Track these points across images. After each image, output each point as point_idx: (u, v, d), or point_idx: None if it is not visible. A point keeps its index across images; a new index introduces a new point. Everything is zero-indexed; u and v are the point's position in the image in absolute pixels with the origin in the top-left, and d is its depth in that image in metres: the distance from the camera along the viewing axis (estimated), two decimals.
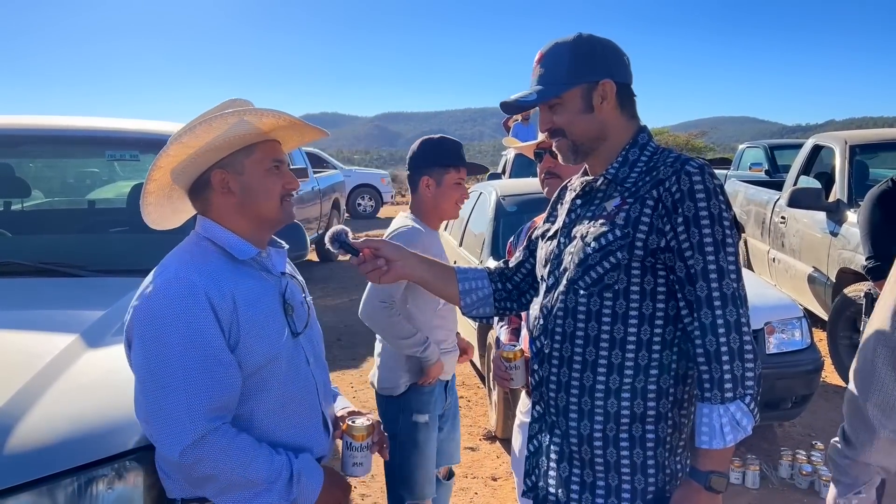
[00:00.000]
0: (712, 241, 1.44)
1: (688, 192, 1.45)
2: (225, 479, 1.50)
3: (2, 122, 3.19)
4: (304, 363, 1.70)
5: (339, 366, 5.83)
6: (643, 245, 1.47)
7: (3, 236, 3.10)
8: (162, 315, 1.49)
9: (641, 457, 1.51)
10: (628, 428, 1.51)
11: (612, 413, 1.51)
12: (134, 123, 3.25)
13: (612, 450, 1.52)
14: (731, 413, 1.42)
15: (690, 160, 1.49)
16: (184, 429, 1.45)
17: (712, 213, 1.44)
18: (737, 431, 1.42)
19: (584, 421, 1.54)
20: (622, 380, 1.50)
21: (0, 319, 2.16)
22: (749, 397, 1.42)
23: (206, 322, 1.50)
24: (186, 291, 1.50)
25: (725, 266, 1.44)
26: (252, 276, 1.62)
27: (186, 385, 1.47)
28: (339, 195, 11.20)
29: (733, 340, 1.41)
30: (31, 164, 4.30)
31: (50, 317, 2.18)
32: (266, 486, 1.53)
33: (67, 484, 1.56)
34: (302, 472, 1.58)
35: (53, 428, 1.62)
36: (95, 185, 4.38)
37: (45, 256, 2.64)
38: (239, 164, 1.61)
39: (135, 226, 3.53)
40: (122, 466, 1.61)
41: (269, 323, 1.60)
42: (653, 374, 1.50)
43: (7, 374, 1.76)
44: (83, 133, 3.14)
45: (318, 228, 9.95)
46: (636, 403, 1.50)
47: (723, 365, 1.41)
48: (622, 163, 1.58)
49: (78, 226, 3.40)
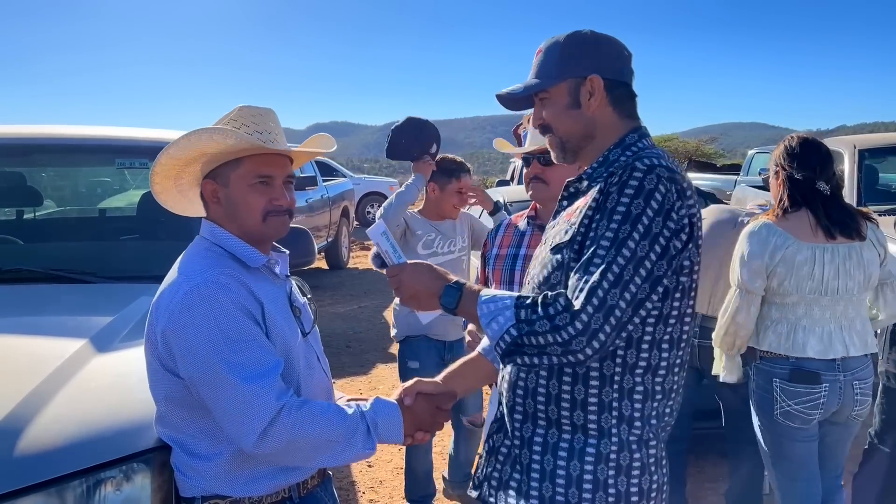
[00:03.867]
0: (612, 236, 1.33)
1: (618, 186, 1.36)
2: (306, 446, 1.52)
3: (12, 132, 3.24)
4: (316, 360, 1.76)
5: (349, 372, 5.85)
6: (581, 242, 1.40)
7: (16, 244, 3.14)
8: (204, 314, 1.49)
9: (578, 470, 1.42)
10: (570, 438, 1.44)
11: (553, 420, 1.45)
12: (143, 132, 3.29)
13: (550, 458, 1.45)
14: (503, 313, 1.36)
15: (647, 158, 1.39)
16: (256, 414, 1.47)
17: (629, 212, 1.33)
18: (486, 320, 1.37)
19: (526, 424, 1.50)
20: (561, 386, 1.44)
21: (11, 325, 2.20)
22: (512, 338, 1.34)
23: (243, 312, 1.52)
24: (219, 289, 1.52)
25: (606, 263, 1.31)
26: (264, 279, 1.66)
27: (244, 373, 1.48)
28: (348, 203, 11.24)
29: (561, 318, 1.30)
30: (43, 173, 4.37)
31: (59, 322, 2.22)
32: (346, 441, 1.55)
33: (76, 485, 1.58)
34: (377, 420, 1.59)
35: (62, 431, 1.64)
36: (107, 193, 4.43)
37: (55, 263, 2.67)
38: (225, 176, 1.63)
39: (145, 233, 3.59)
40: (129, 468, 1.63)
41: (287, 323, 1.64)
42: (593, 384, 1.42)
43: (17, 379, 1.79)
44: (93, 142, 3.19)
45: (328, 236, 9.99)
46: (576, 415, 1.43)
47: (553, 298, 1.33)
48: (601, 162, 1.50)
49: (88, 233, 3.45)
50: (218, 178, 1.64)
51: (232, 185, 1.63)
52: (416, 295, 1.54)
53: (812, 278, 2.50)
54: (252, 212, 1.62)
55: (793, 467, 2.62)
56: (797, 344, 2.52)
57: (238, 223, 1.64)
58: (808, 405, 2.52)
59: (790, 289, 2.52)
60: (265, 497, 1.61)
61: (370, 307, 8.13)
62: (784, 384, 2.54)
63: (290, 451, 1.53)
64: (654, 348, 1.42)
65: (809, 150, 2.63)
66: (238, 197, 1.62)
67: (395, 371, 5.90)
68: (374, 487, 3.89)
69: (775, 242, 2.53)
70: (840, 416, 2.59)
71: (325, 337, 6.81)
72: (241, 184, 1.62)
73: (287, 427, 1.48)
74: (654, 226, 1.34)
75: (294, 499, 1.67)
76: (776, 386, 2.55)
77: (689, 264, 1.42)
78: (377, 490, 3.86)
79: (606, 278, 1.31)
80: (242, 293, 1.55)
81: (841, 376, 2.52)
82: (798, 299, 2.53)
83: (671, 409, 1.50)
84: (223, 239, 1.64)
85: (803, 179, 2.57)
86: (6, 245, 3.08)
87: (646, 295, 1.35)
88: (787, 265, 2.51)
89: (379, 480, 3.96)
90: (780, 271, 2.52)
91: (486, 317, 1.40)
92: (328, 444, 1.53)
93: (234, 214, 1.63)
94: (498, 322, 1.37)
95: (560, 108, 1.53)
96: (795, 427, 2.56)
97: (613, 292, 1.31)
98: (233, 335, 1.49)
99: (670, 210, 1.35)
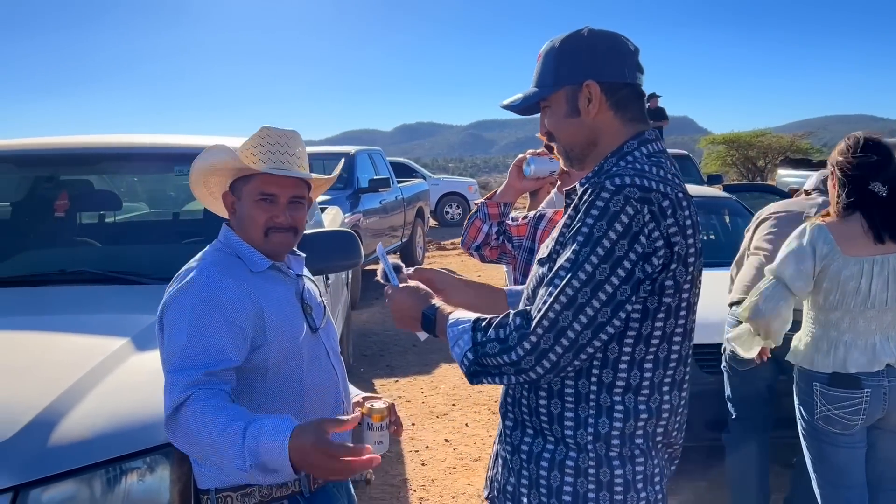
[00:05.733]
0: (574, 258, 1.32)
1: (585, 208, 1.35)
2: (199, 442, 1.51)
3: (82, 142, 3.47)
4: (326, 356, 1.84)
5: (412, 371, 5.95)
6: (555, 259, 1.39)
7: (92, 246, 3.37)
8: (189, 292, 1.65)
9: (558, 481, 1.42)
10: (553, 448, 1.44)
11: (538, 429, 1.46)
12: (200, 139, 3.46)
13: (534, 466, 1.45)
14: (462, 339, 1.40)
15: (619, 177, 1.35)
16: (169, 397, 1.57)
17: (591, 234, 1.31)
18: (454, 345, 1.42)
19: (516, 431, 1.50)
20: (538, 400, 1.44)
21: (63, 322, 2.38)
22: (470, 361, 1.39)
23: (219, 310, 1.63)
24: (217, 280, 1.67)
25: (562, 284, 1.31)
26: (271, 280, 1.77)
27: (181, 359, 1.59)
28: (423, 204, 11.36)
29: (511, 338, 1.34)
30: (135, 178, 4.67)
31: (107, 321, 2.38)
32: (219, 454, 1.48)
33: (102, 474, 1.72)
34: (261, 432, 1.44)
35: (93, 423, 1.78)
36: (191, 198, 4.68)
37: (117, 265, 2.86)
38: (239, 190, 1.77)
39: (210, 236, 3.76)
40: (151, 460, 1.75)
41: (290, 321, 1.74)
42: (569, 400, 1.41)
43: (60, 373, 1.95)
44: (154, 150, 3.38)
45: (402, 236, 10.15)
46: (554, 428, 1.43)
47: (508, 318, 1.36)
48: (596, 172, 1.45)
49: (155, 237, 3.66)
50: (234, 191, 1.78)
51: (243, 198, 1.76)
52: (404, 318, 1.60)
53: (858, 293, 2.40)
54: (255, 226, 1.74)
55: (834, 474, 2.52)
56: (838, 360, 2.44)
57: (246, 234, 1.76)
58: (850, 410, 2.42)
59: (835, 303, 2.43)
60: (275, 489, 1.68)
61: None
62: (824, 388, 2.45)
63: (190, 442, 1.53)
64: (634, 367, 1.39)
65: (866, 149, 2.50)
66: (245, 210, 1.76)
67: (457, 371, 5.98)
68: (425, 486, 3.94)
69: (823, 251, 2.43)
70: (889, 423, 2.47)
71: (393, 335, 7.00)
72: (248, 198, 1.75)
73: (186, 416, 1.51)
74: (618, 249, 1.31)
75: (304, 493, 1.73)
76: (816, 390, 2.47)
77: (675, 283, 1.37)
78: (428, 489, 3.92)
79: (559, 300, 1.32)
80: (234, 294, 1.65)
81: (885, 381, 2.41)
82: (842, 314, 2.44)
83: (666, 427, 1.45)
84: (234, 243, 1.77)
85: (856, 180, 2.45)
86: (82, 248, 3.31)
87: (607, 319, 1.32)
88: (833, 280, 2.42)
89: (431, 479, 4.02)
90: (826, 286, 2.43)
91: (451, 341, 1.45)
92: (209, 447, 1.49)
93: (243, 226, 1.77)
94: (459, 346, 1.42)
95: (560, 116, 1.49)
96: (836, 432, 2.46)
97: (566, 314, 1.31)
98: (196, 325, 1.61)
99: (638, 233, 1.31)
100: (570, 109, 1.48)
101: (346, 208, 7.81)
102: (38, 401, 1.81)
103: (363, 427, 1.89)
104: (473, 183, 17.90)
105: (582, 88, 1.45)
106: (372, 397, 1.95)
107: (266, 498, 1.67)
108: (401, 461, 4.24)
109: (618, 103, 1.47)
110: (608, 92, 1.46)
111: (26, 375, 1.98)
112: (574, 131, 1.49)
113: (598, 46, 1.47)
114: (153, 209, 4.85)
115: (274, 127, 1.77)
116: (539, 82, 1.52)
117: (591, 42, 1.48)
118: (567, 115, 1.48)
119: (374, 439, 1.87)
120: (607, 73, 1.46)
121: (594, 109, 1.45)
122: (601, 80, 1.45)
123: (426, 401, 5.30)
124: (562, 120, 1.49)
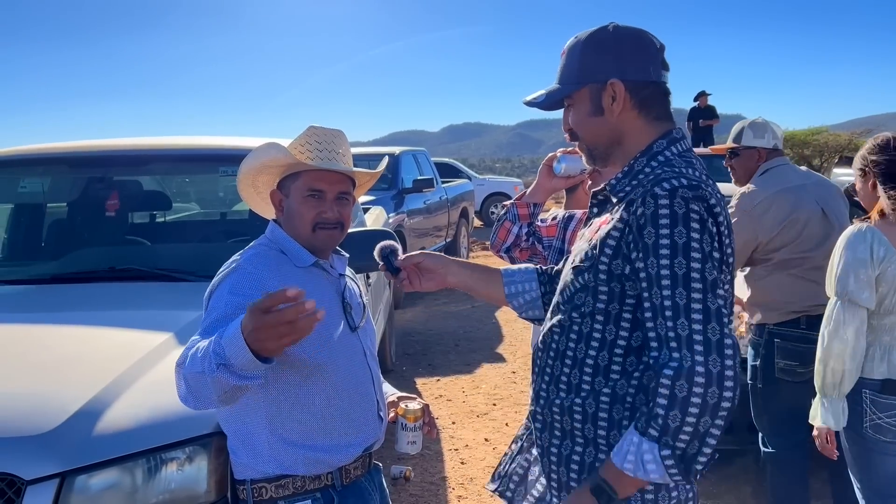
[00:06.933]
0: (669, 273, 1.29)
1: (650, 217, 1.31)
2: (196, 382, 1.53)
3: (128, 144, 3.60)
4: (362, 354, 1.86)
5: (453, 370, 5.97)
6: (607, 269, 1.38)
7: (142, 245, 3.49)
8: (233, 275, 1.71)
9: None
10: (581, 451, 1.43)
11: (567, 430, 1.45)
12: (247, 140, 3.54)
13: (564, 469, 1.46)
14: (643, 451, 1.29)
15: (666, 181, 1.33)
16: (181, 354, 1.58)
17: (675, 242, 1.29)
18: (638, 470, 1.30)
19: (544, 433, 1.50)
20: (574, 399, 1.43)
21: (112, 318, 2.49)
22: (671, 451, 1.27)
23: (272, 287, 1.62)
24: (261, 269, 1.71)
25: (683, 303, 1.28)
26: (314, 276, 1.80)
27: (216, 321, 1.61)
28: (467, 204, 11.39)
29: (679, 388, 1.26)
30: (187, 179, 4.81)
31: (152, 317, 2.47)
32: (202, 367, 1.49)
33: (143, 463, 1.79)
34: (223, 333, 1.49)
35: (136, 414, 1.86)
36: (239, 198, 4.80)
37: (165, 263, 2.97)
38: (287, 187, 1.81)
39: (255, 235, 3.86)
40: (192, 450, 1.82)
41: (329, 317, 1.75)
42: (604, 401, 1.40)
43: (106, 366, 2.04)
44: (199, 152, 3.48)
45: (447, 237, 10.19)
46: (587, 428, 1.42)
47: (661, 409, 1.27)
48: (626, 173, 1.44)
49: (202, 236, 3.78)
50: (283, 189, 1.82)
51: (291, 195, 1.79)
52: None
53: None
54: (304, 222, 1.77)
55: (883, 485, 2.43)
56: (892, 366, 2.34)
57: (294, 231, 1.80)
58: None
59: (890, 307, 2.34)
60: (308, 481, 1.72)
61: (483, 307, 8.22)
62: (874, 395, 2.36)
63: (193, 388, 1.54)
64: None
65: None
66: (294, 207, 1.79)
67: (499, 371, 6.00)
68: (463, 484, 3.96)
69: (880, 254, 2.34)
70: None
71: (436, 335, 7.04)
72: (297, 195, 1.78)
73: (186, 365, 1.54)
74: (705, 245, 1.31)
75: (336, 486, 1.76)
76: (866, 397, 2.38)
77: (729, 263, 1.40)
78: (467, 487, 3.93)
79: (695, 321, 1.28)
80: (275, 284, 1.66)
81: None
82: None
83: None
84: (280, 239, 1.81)
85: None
86: (132, 246, 3.43)
87: (728, 309, 1.33)
88: (889, 283, 2.33)
89: (469, 478, 4.03)
90: (882, 290, 2.34)
91: (633, 471, 1.31)
92: (201, 375, 1.50)
93: (291, 222, 1.80)
94: (650, 466, 1.30)
95: (583, 114, 1.47)
96: (887, 441, 2.37)
97: (711, 327, 1.28)
98: (234, 301, 1.65)
99: (709, 226, 1.32)
100: (593, 108, 1.45)
101: (391, 209, 7.86)
102: (85, 392, 1.89)
103: (397, 427, 1.93)
104: (519, 183, 17.85)
105: (606, 87, 1.43)
106: (406, 397, 1.98)
107: (300, 489, 1.72)
108: (440, 459, 4.26)
109: (643, 102, 1.44)
110: (633, 91, 1.43)
111: (74, 367, 2.08)
112: (597, 130, 1.47)
113: (623, 43, 1.45)
114: (203, 209, 4.99)
115: (321, 126, 1.82)
116: (563, 79, 1.49)
117: (616, 39, 1.45)
118: (590, 113, 1.46)
119: (407, 439, 1.91)
120: (632, 71, 1.43)
121: (618, 108, 1.43)
122: (626, 78, 1.43)
123: (467, 400, 5.31)
124: (585, 118, 1.47)
